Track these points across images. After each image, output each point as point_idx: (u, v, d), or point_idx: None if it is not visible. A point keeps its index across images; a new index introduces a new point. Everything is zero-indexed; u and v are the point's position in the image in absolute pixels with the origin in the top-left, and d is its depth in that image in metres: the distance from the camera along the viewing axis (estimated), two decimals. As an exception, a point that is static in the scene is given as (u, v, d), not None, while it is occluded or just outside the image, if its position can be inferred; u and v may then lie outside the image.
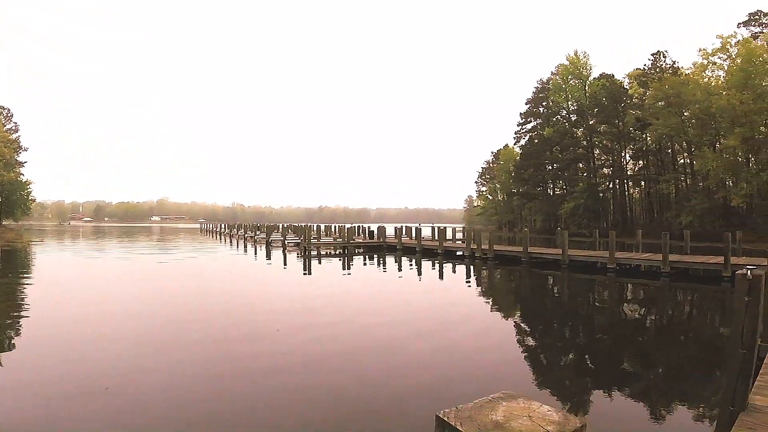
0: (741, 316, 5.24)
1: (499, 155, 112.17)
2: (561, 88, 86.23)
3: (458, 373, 9.49)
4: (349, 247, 42.53)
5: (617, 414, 7.87)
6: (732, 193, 56.48)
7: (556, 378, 9.81)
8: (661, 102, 66.41)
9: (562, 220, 78.63)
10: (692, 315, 18.11)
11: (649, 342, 13.67)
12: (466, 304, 18.31)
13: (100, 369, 9.22)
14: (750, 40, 61.26)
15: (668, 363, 11.37)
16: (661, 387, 9.58)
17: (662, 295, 21.29)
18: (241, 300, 18.05)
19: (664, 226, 49.83)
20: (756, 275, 5.26)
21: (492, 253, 32.28)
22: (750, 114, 53.92)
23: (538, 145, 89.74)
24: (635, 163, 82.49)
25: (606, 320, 16.56)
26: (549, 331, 14.78)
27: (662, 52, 77.52)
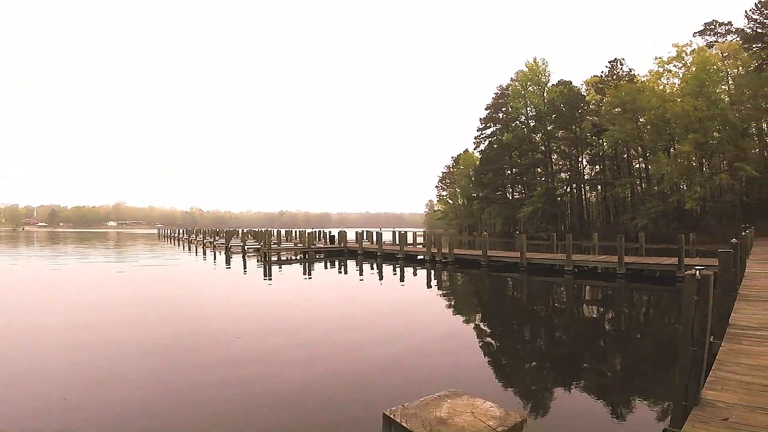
0: (690, 315, 5.39)
1: (459, 160, 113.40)
2: (520, 94, 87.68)
3: (416, 374, 9.53)
4: (310, 252, 42.18)
5: (575, 411, 8.01)
6: (686, 197, 58.26)
7: (514, 378, 9.94)
8: (617, 108, 68.33)
9: (521, 224, 79.81)
10: (647, 314, 18.55)
11: (605, 341, 13.98)
12: (427, 308, 18.36)
13: (57, 380, 8.97)
14: (705, 49, 63.84)
15: (624, 361, 11.67)
16: (618, 384, 9.80)
17: (618, 295, 21.75)
18: (199, 308, 17.67)
19: (620, 229, 50.95)
20: (704, 275, 5.41)
21: (452, 256, 32.47)
22: (703, 120, 55.82)
23: (498, 150, 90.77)
24: (592, 167, 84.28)
25: (563, 321, 16.85)
26: (507, 333, 14.94)
27: (619, 60, 79.47)
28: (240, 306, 18.21)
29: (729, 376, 6.36)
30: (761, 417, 4.97)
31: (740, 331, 8.77)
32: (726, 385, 5.97)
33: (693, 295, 5.36)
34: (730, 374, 6.43)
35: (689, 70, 62.79)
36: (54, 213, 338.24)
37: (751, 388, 5.85)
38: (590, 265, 27.42)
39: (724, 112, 56.64)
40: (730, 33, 68.03)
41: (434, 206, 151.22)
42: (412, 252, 38.35)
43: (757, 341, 8.11)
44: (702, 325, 5.37)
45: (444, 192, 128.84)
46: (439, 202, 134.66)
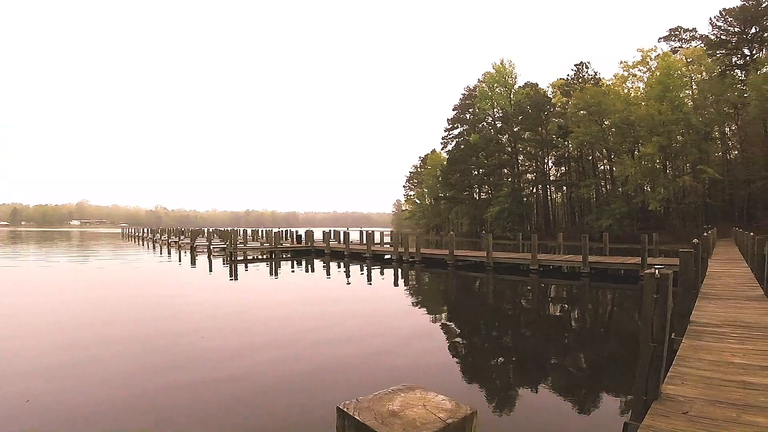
0: (650, 312, 5.50)
1: (427, 160, 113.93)
2: (487, 96, 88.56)
3: (378, 371, 9.58)
4: (277, 251, 41.84)
5: (540, 406, 8.15)
6: (650, 198, 59.63)
7: (478, 374, 10.00)
8: (582, 111, 69.55)
9: (487, 224, 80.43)
10: (611, 312, 18.90)
11: (569, 338, 14.19)
12: (393, 307, 18.41)
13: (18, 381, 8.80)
14: (669, 54, 65.69)
15: (588, 357, 11.88)
16: (582, 380, 9.98)
17: (582, 294, 22.14)
18: (163, 308, 17.39)
19: (585, 229, 51.83)
20: (663, 274, 5.52)
21: (419, 256, 32.61)
22: (667, 124, 57.24)
23: (465, 151, 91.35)
24: (557, 169, 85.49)
25: (528, 319, 17.05)
26: (472, 331, 15.03)
27: (585, 63, 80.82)
28: (205, 306, 17.99)
29: (689, 371, 6.51)
30: (720, 411, 5.08)
31: (701, 328, 8.99)
32: (686, 380, 6.11)
33: (653, 293, 5.47)
34: (691, 369, 6.58)
35: (654, 74, 64.48)
36: (16, 212, 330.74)
37: (711, 383, 5.99)
38: (555, 265, 27.83)
39: (688, 116, 58.42)
40: (695, 39, 70.43)
41: (402, 206, 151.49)
42: (379, 251, 38.38)
43: (717, 338, 8.32)
44: (661, 322, 5.48)
45: (411, 192, 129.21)
46: (406, 202, 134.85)
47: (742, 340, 8.14)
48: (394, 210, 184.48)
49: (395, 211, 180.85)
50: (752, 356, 7.18)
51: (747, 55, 63.20)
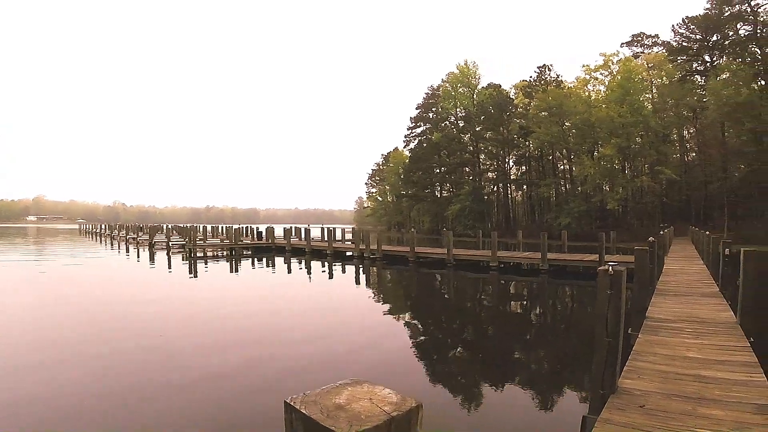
0: (604, 308, 5.62)
1: (389, 158, 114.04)
2: (450, 95, 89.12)
3: (336, 367, 9.58)
4: (237, 248, 41.40)
5: (499, 400, 8.28)
6: (608, 197, 60.99)
7: (437, 370, 10.07)
8: (544, 112, 70.71)
9: (449, 221, 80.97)
10: (569, 308, 19.30)
11: (529, 334, 14.42)
12: (354, 304, 18.44)
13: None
14: (631, 59, 67.47)
15: (547, 352, 12.10)
16: (541, 374, 10.17)
17: (541, 290, 22.58)
18: (122, 306, 17.07)
19: (545, 227, 52.53)
20: (617, 271, 5.65)
21: (380, 253, 32.68)
22: (626, 126, 58.53)
23: (427, 149, 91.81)
24: (518, 168, 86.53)
25: (489, 315, 17.27)
26: (432, 327, 15.14)
27: (548, 66, 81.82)
28: (163, 304, 17.73)
29: (645, 365, 6.68)
30: (676, 404, 5.23)
31: (656, 324, 9.21)
32: (642, 374, 6.28)
33: (607, 289, 5.59)
34: (647, 364, 6.75)
35: (615, 78, 65.71)
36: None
37: (667, 377, 6.16)
38: (515, 262, 28.16)
39: (647, 119, 59.75)
40: (657, 45, 72.28)
41: (364, 203, 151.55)
42: (340, 249, 38.34)
43: (672, 333, 8.55)
44: (616, 317, 5.61)
45: (374, 189, 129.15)
46: (368, 199, 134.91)
47: (697, 335, 8.37)
48: (357, 207, 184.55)
49: (357, 209, 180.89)
50: (707, 351, 7.40)
51: (707, 61, 64.89)
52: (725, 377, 6.15)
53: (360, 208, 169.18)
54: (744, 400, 5.33)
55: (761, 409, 5.07)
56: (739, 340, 8.03)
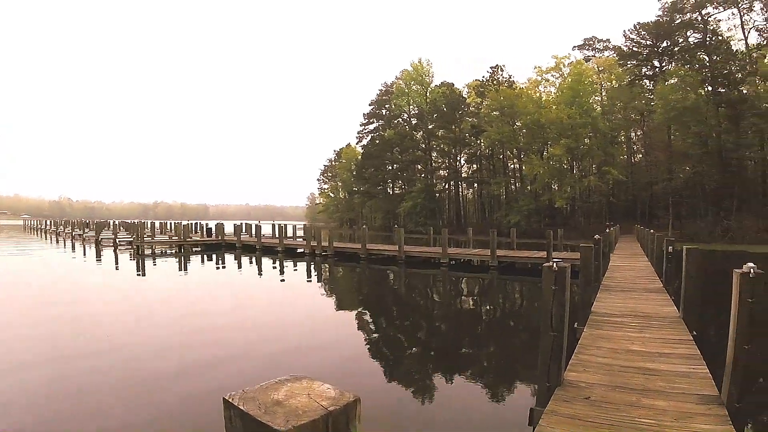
0: (549, 303, 5.77)
1: (342, 154, 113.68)
2: (404, 93, 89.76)
3: (286, 366, 9.51)
4: (186, 245, 40.57)
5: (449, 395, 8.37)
6: (556, 196, 62.21)
7: (391, 367, 10.12)
8: (496, 111, 72.10)
9: (400, 218, 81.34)
10: (518, 303, 19.66)
11: (478, 329, 14.63)
12: (305, 301, 18.34)
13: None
14: (582, 62, 69.42)
15: (497, 346, 12.33)
16: (490, 368, 10.34)
17: (491, 286, 22.90)
18: (66, 306, 16.52)
19: (494, 225, 53.41)
20: (561, 267, 5.80)
21: (332, 250, 32.58)
22: (575, 127, 60.11)
23: (380, 146, 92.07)
24: (470, 166, 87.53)
25: (439, 311, 17.43)
26: (383, 323, 15.19)
27: (500, 66, 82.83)
28: (110, 304, 17.23)
29: (590, 358, 6.87)
30: (620, 395, 5.42)
31: (602, 318, 9.48)
32: (587, 367, 6.46)
33: (551, 285, 5.73)
34: (592, 357, 6.95)
35: (566, 80, 67.44)
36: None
37: (611, 369, 6.37)
38: (465, 258, 28.59)
39: (596, 120, 61.74)
40: (608, 49, 74.56)
41: (316, 199, 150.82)
42: (292, 245, 38.12)
43: (616, 327, 8.81)
44: (560, 312, 5.75)
45: (326, 185, 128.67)
46: (320, 196, 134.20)
47: (641, 329, 8.64)
48: (308, 204, 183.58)
49: (309, 205, 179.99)
50: (650, 344, 7.65)
51: (657, 66, 67.01)
52: (668, 369, 6.38)
53: (312, 204, 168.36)
54: (687, 391, 5.55)
55: (704, 399, 5.28)
56: (682, 334, 8.32)
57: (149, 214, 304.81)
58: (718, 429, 4.57)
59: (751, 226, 47.84)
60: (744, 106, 51.21)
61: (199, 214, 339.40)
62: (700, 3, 58.49)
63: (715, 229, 48.78)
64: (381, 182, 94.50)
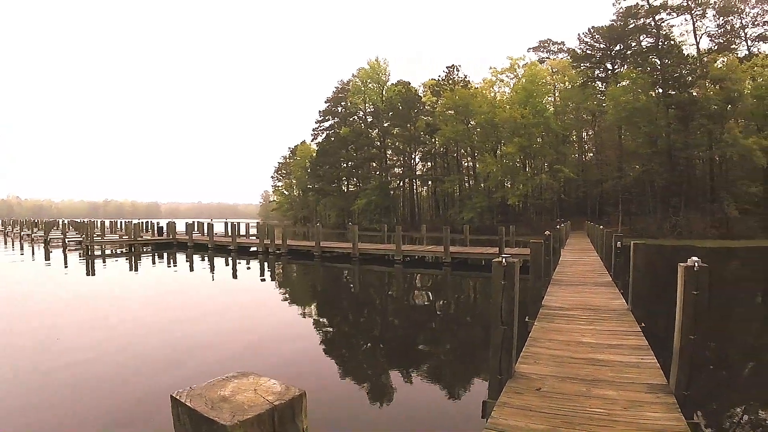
0: (499, 298, 5.89)
1: (297, 151, 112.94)
2: (360, 90, 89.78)
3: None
4: (137, 245, 39.57)
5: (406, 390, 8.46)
6: (509, 193, 63.43)
7: (346, 364, 10.14)
8: (451, 110, 73.08)
9: (355, 216, 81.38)
10: (471, 298, 19.96)
11: (433, 324, 14.81)
12: (259, 301, 18.23)
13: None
14: (536, 63, 71.85)
15: (450, 341, 12.51)
16: (444, 362, 10.50)
17: (444, 282, 23.22)
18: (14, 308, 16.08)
19: (448, 222, 54.05)
20: (510, 263, 5.93)
21: (285, 248, 32.34)
22: (528, 127, 61.67)
23: (335, 143, 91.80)
24: (424, 164, 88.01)
25: (393, 307, 17.56)
26: (339, 321, 15.25)
27: (456, 66, 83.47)
28: (59, 305, 16.80)
29: (541, 351, 7.05)
30: (570, 386, 5.57)
31: (552, 312, 9.71)
32: (538, 360, 6.63)
33: (500, 280, 5.85)
34: (543, 349, 7.13)
35: (520, 81, 69.15)
36: None
37: (562, 361, 6.54)
38: (419, 255, 28.79)
39: (548, 120, 63.48)
40: (562, 51, 76.57)
41: (270, 197, 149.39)
42: (245, 244, 37.71)
43: (567, 320, 9.04)
44: (510, 306, 5.87)
45: (280, 183, 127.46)
46: (274, 193, 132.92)
47: (590, 322, 8.89)
48: (262, 201, 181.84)
49: (263, 203, 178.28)
50: (600, 336, 7.88)
51: (609, 69, 68.77)
52: (618, 360, 6.59)
53: (266, 202, 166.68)
54: (636, 381, 5.74)
55: (653, 388, 5.48)
56: (630, 326, 8.58)
57: (99, 213, 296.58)
58: (667, 416, 4.74)
59: (698, 222, 49.92)
60: (693, 108, 53.53)
61: (151, 213, 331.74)
62: (654, 9, 60.44)
63: (664, 225, 50.69)
64: (336, 180, 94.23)
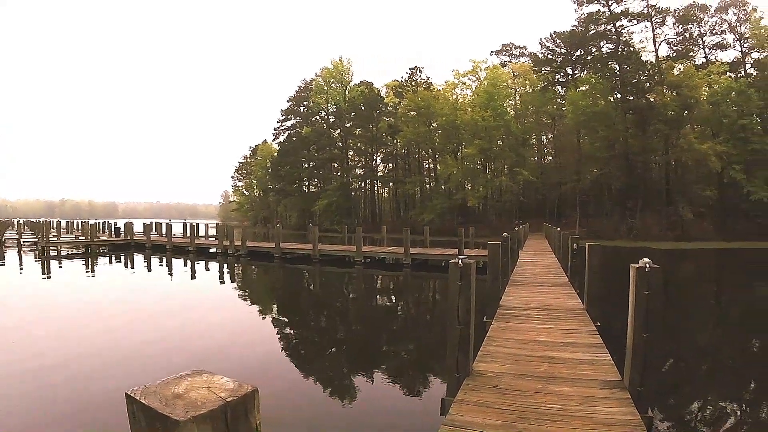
0: (455, 298, 6.01)
1: (257, 151, 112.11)
2: (323, 90, 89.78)
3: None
4: (94, 246, 38.62)
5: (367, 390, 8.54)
6: (469, 195, 64.21)
7: (307, 366, 10.16)
8: (413, 112, 73.81)
9: (316, 217, 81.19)
10: (430, 299, 20.12)
11: (394, 325, 14.94)
12: (218, 302, 18.05)
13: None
14: (498, 67, 72.98)
15: (410, 340, 12.65)
16: (404, 362, 10.62)
17: (404, 283, 23.38)
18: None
19: (409, 223, 54.35)
20: (466, 263, 6.06)
21: (245, 249, 32.07)
22: (489, 129, 62.66)
23: (296, 143, 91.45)
24: (386, 165, 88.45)
25: (353, 309, 17.65)
26: (298, 322, 15.21)
27: (419, 68, 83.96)
28: (15, 307, 16.38)
29: (498, 349, 7.20)
30: (526, 383, 5.72)
31: (509, 311, 9.89)
32: (495, 358, 6.77)
33: (457, 280, 5.97)
34: (500, 348, 7.28)
35: (482, 84, 70.21)
36: None
37: (518, 359, 6.70)
38: (379, 256, 28.88)
39: (509, 123, 64.59)
40: (524, 55, 78.03)
41: (230, 197, 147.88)
42: (204, 245, 37.23)
43: (523, 319, 9.23)
44: (466, 306, 6.00)
45: (240, 183, 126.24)
46: (234, 193, 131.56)
47: (546, 321, 9.11)
48: (222, 202, 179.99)
49: (223, 203, 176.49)
50: (555, 334, 8.08)
51: (569, 74, 70.27)
52: (573, 357, 6.77)
53: (226, 202, 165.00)
54: (591, 377, 5.92)
55: (607, 384, 5.66)
56: (586, 325, 8.82)
57: (56, 213, 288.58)
58: (621, 411, 4.89)
59: (654, 224, 51.44)
60: (650, 113, 55.24)
61: (108, 213, 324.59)
62: (615, 15, 61.72)
63: (621, 227, 52.02)
64: (297, 180, 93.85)
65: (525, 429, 4.53)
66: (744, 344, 12.27)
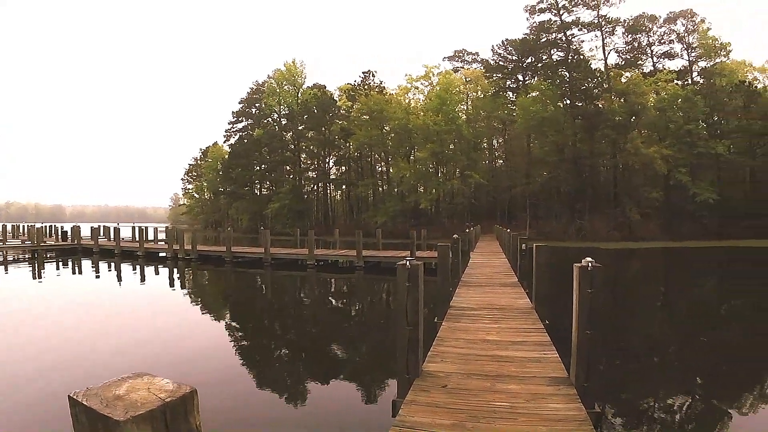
0: (403, 299, 6.14)
1: (208, 153, 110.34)
2: (275, 92, 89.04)
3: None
4: (40, 250, 37.34)
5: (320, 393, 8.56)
6: (422, 198, 65.13)
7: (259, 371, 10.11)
8: (365, 115, 73.95)
9: (268, 220, 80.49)
10: (384, 301, 20.12)
11: (346, 328, 14.97)
12: (168, 307, 17.75)
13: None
14: (450, 72, 74.33)
15: (363, 343, 12.74)
16: (360, 365, 10.69)
17: (357, 286, 23.42)
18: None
19: (362, 226, 54.37)
20: (414, 265, 6.19)
21: (195, 253, 31.59)
22: (441, 133, 63.58)
23: (248, 145, 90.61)
24: (338, 168, 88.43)
25: (306, 312, 17.55)
26: (250, 326, 15.12)
27: (372, 72, 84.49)
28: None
29: (448, 350, 7.32)
30: (475, 382, 5.85)
31: (459, 312, 10.07)
32: (445, 358, 6.90)
33: (405, 282, 6.10)
34: (449, 348, 7.41)
35: (434, 89, 71.17)
36: None
37: (468, 359, 6.84)
38: (332, 259, 28.83)
39: (460, 128, 65.79)
40: (476, 62, 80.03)
41: (179, 200, 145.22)
42: (153, 249, 36.43)
43: (473, 319, 9.41)
44: (414, 307, 6.12)
45: (190, 185, 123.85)
46: (184, 196, 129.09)
47: (496, 321, 9.30)
48: (172, 204, 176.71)
49: (172, 206, 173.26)
50: (504, 334, 8.27)
51: (520, 80, 72.21)
52: (521, 356, 6.96)
53: (175, 205, 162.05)
54: (538, 375, 6.10)
55: (554, 381, 5.84)
56: (534, 323, 9.05)
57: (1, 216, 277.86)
58: (567, 406, 5.06)
59: (601, 225, 53.05)
60: (599, 118, 57.16)
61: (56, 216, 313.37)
62: (566, 24, 63.50)
63: (570, 228, 53.41)
64: (248, 183, 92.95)
65: (474, 428, 4.63)
66: (688, 340, 12.76)
